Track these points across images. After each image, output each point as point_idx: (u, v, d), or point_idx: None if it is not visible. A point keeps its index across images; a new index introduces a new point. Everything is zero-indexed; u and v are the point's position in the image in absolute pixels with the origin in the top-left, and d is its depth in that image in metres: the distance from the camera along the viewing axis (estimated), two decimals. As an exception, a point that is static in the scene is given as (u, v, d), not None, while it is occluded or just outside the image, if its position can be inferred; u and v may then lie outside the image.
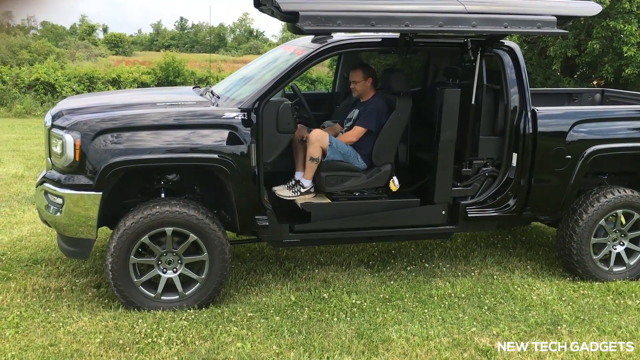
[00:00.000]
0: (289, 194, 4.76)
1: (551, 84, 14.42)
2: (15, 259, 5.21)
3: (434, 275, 5.15)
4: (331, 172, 4.72)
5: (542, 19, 4.32)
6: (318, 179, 4.74)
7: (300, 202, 4.71)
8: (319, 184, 4.76)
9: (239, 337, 3.97)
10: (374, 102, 4.89)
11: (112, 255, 4.14)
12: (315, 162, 4.68)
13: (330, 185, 4.74)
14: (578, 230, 4.95)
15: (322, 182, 4.72)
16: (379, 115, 4.80)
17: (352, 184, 4.77)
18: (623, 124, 5.08)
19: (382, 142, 4.80)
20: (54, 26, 49.59)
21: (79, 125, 4.13)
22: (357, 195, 4.84)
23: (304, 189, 4.76)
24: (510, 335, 4.12)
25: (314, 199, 4.79)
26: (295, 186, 4.78)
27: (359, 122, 4.87)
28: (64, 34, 46.72)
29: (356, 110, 5.02)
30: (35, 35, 37.18)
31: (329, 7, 4.00)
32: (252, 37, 73.55)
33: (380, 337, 4.03)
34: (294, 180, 4.84)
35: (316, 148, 4.65)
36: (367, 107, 4.88)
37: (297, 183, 4.79)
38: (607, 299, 4.75)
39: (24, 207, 6.76)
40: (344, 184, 4.75)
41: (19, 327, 4.02)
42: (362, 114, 4.90)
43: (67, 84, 16.44)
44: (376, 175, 4.81)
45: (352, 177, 4.77)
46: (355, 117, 4.96)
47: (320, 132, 4.72)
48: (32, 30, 42.06)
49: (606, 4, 11.80)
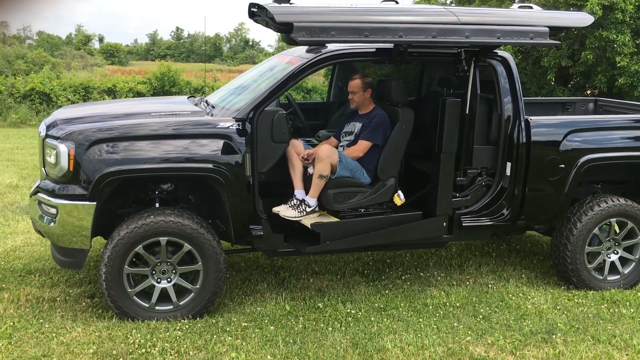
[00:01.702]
0: (295, 215, 4.54)
1: (545, 93, 14.50)
2: (9, 269, 5.19)
3: (429, 284, 5.15)
4: (339, 189, 4.56)
5: (535, 30, 4.35)
6: (324, 197, 4.55)
7: (308, 222, 4.52)
8: (324, 201, 4.58)
9: (233, 347, 3.96)
10: (379, 116, 4.74)
11: (106, 265, 4.12)
12: (324, 180, 4.48)
13: (338, 203, 4.57)
14: (572, 239, 4.97)
15: (330, 199, 4.54)
16: (384, 128, 4.69)
17: (358, 200, 4.63)
18: (616, 133, 5.11)
19: (388, 156, 4.70)
20: (50, 36, 49.62)
21: (73, 135, 4.12)
22: (363, 212, 4.70)
23: (309, 208, 4.56)
24: (505, 345, 4.11)
25: (320, 217, 4.63)
26: (300, 205, 4.56)
27: (365, 136, 4.71)
28: (60, 43, 46.70)
29: (357, 123, 4.86)
30: (31, 45, 37.19)
31: (323, 18, 4.02)
32: (248, 47, 73.71)
33: (375, 346, 4.02)
34: (297, 199, 4.61)
35: (326, 165, 4.46)
36: (373, 120, 4.72)
37: (302, 202, 4.57)
38: (602, 308, 4.75)
39: (18, 217, 6.74)
40: (350, 201, 4.60)
41: (12, 337, 3.99)
42: (367, 127, 4.73)
43: (62, 93, 16.44)
44: (382, 190, 4.69)
45: (358, 193, 4.63)
46: (358, 130, 4.80)
47: (330, 148, 4.55)
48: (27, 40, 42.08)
49: (599, 15, 11.90)
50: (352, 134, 4.87)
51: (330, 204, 4.58)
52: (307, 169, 4.70)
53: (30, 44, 39.29)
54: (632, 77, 12.84)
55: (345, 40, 4.09)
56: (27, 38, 43.00)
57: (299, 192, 4.66)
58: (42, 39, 45.96)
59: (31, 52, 28.56)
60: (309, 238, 4.59)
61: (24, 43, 39.03)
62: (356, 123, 4.88)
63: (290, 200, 4.62)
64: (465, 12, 4.41)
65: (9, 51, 27.16)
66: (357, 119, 4.90)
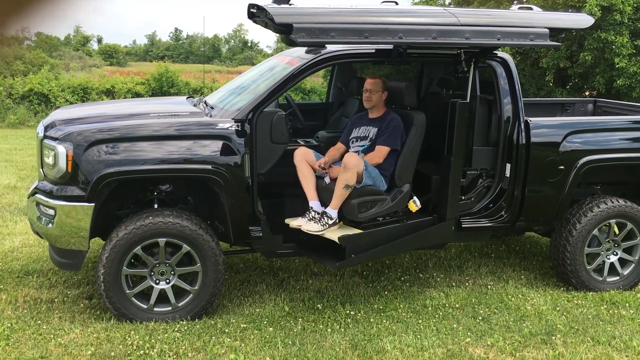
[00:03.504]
0: (319, 228, 4.30)
1: (544, 94, 14.52)
2: (7, 270, 5.17)
3: (428, 286, 5.14)
4: (361, 198, 4.36)
5: (535, 31, 4.34)
6: (347, 207, 4.35)
7: (334, 235, 4.29)
8: (346, 212, 4.39)
9: (232, 348, 3.95)
10: (394, 120, 4.57)
11: (104, 266, 4.11)
12: (349, 190, 4.27)
13: (361, 213, 4.37)
14: (572, 240, 4.96)
15: (354, 209, 4.34)
16: (401, 132, 4.55)
17: (379, 209, 4.44)
18: (616, 134, 5.11)
19: (404, 161, 4.56)
20: (48, 37, 49.52)
21: (71, 136, 4.11)
22: (381, 221, 4.52)
23: (331, 221, 4.34)
24: (504, 346, 4.10)
25: (341, 229, 4.42)
26: (322, 218, 4.34)
27: (383, 141, 4.53)
28: (58, 44, 46.61)
29: (371, 127, 4.67)
30: (29, 46, 37.13)
31: (322, 19, 4.01)
32: (247, 48, 73.73)
33: (374, 348, 4.01)
34: (315, 211, 4.40)
35: (353, 174, 4.25)
36: (390, 124, 4.56)
37: (324, 214, 4.35)
38: (601, 309, 4.75)
39: (16, 218, 6.72)
40: (372, 210, 4.41)
41: (9, 339, 3.98)
42: (384, 132, 4.56)
43: (61, 94, 16.41)
44: (399, 197, 4.52)
45: (378, 202, 4.44)
46: (374, 135, 4.62)
47: (357, 157, 4.35)
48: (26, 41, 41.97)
49: (598, 16, 11.91)
50: (367, 139, 4.68)
51: (353, 215, 4.37)
52: (323, 178, 4.52)
53: (28, 45, 39.23)
54: (631, 79, 12.87)
55: (345, 41, 4.08)
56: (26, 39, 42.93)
57: (315, 203, 4.46)
58: (40, 39, 45.86)
59: (29, 53, 28.48)
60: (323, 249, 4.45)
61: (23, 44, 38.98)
62: (370, 127, 4.69)
63: (307, 213, 4.42)
64: (465, 14, 4.40)
65: (7, 52, 27.12)
66: (370, 123, 4.71)
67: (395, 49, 4.63)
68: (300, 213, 5.11)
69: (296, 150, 4.56)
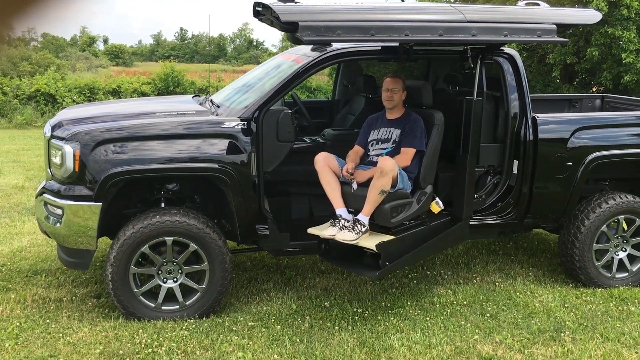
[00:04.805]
0: (353, 237, 4.14)
1: (551, 90, 14.45)
2: (15, 269, 5.19)
3: (436, 283, 5.12)
4: (393, 203, 4.22)
5: (542, 27, 4.30)
6: (379, 212, 4.20)
7: (369, 243, 4.14)
8: (378, 217, 4.24)
9: (240, 346, 3.95)
10: (417, 120, 4.46)
11: (112, 265, 4.12)
12: (384, 195, 4.14)
13: (393, 218, 4.22)
14: (580, 237, 4.94)
15: (387, 215, 4.19)
16: (424, 133, 4.45)
17: (407, 213, 4.31)
18: (624, 130, 5.08)
19: (428, 162, 4.47)
20: (55, 38, 49.75)
21: (78, 136, 4.12)
22: (408, 225, 4.40)
23: (364, 228, 4.19)
24: (513, 343, 4.09)
25: (372, 236, 4.26)
26: (356, 226, 4.18)
27: (409, 143, 4.42)
28: (65, 45, 46.83)
29: (393, 129, 4.54)
30: (35, 47, 37.27)
31: (328, 17, 3.99)
32: (252, 47, 73.79)
33: (382, 345, 4.00)
34: (344, 219, 4.26)
35: (389, 179, 4.12)
36: (415, 125, 4.45)
37: (357, 222, 4.19)
38: (610, 306, 4.72)
39: (24, 217, 6.75)
40: (402, 214, 4.28)
41: (18, 338, 4.00)
42: (408, 133, 4.44)
43: (67, 94, 16.48)
44: (424, 199, 4.40)
45: (406, 205, 4.30)
46: (398, 137, 4.50)
47: (392, 161, 4.18)
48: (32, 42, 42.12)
49: (604, 11, 11.84)
50: (389, 141, 4.55)
51: (385, 220, 4.23)
52: (350, 184, 4.36)
53: (35, 46, 39.38)
54: (638, 74, 12.78)
55: (351, 39, 4.06)
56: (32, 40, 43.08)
57: (343, 210, 4.31)
58: (46, 40, 46.06)
59: (36, 53, 28.62)
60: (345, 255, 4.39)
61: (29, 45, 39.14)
62: (391, 129, 4.56)
63: (336, 221, 4.27)
64: (472, 10, 4.37)
65: (14, 53, 27.22)
66: (390, 124, 4.59)
67: (401, 46, 4.61)
68: (306, 211, 5.12)
69: (317, 156, 4.41)
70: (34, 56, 27.64)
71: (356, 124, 5.70)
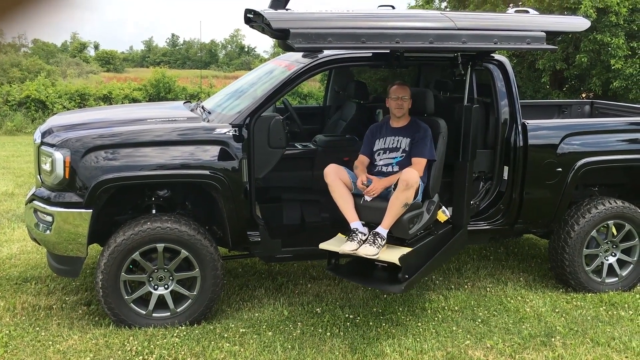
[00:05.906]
0: (375, 251, 4.04)
1: (541, 96, 14.53)
2: (5, 277, 5.16)
3: (427, 289, 5.13)
4: (410, 214, 4.16)
5: (532, 34, 4.33)
6: (397, 224, 4.13)
7: (391, 257, 4.05)
8: (397, 230, 4.16)
9: (231, 353, 3.94)
10: (426, 129, 4.41)
11: (102, 272, 4.10)
12: (406, 208, 4.08)
13: (411, 229, 4.17)
14: (570, 242, 4.97)
15: (405, 226, 4.13)
16: (433, 142, 4.41)
17: (420, 223, 4.25)
18: (613, 136, 5.11)
19: (436, 171, 4.42)
20: (45, 44, 49.55)
21: (68, 143, 4.11)
22: (419, 235, 4.34)
23: (383, 241, 4.12)
24: (504, 348, 4.10)
25: (390, 249, 4.17)
26: (376, 240, 4.10)
27: (420, 152, 4.36)
28: (55, 51, 46.66)
29: (401, 138, 4.46)
30: (26, 53, 37.10)
31: (319, 24, 3.99)
32: (244, 53, 73.77)
33: (374, 351, 4.00)
34: (362, 233, 4.16)
35: (413, 192, 4.08)
36: (425, 134, 4.38)
37: (377, 235, 4.11)
38: (600, 310, 4.75)
39: (14, 224, 6.71)
40: (416, 225, 4.22)
41: (7, 346, 3.96)
42: (419, 142, 4.37)
43: (58, 101, 16.41)
44: (433, 209, 4.36)
45: (418, 215, 4.24)
46: (408, 147, 4.44)
47: (416, 173, 4.13)
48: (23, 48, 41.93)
49: (593, 18, 11.94)
50: (398, 150, 4.47)
51: (404, 232, 4.16)
52: (362, 196, 4.28)
53: (25, 52, 39.20)
54: (627, 80, 12.88)
55: (342, 46, 4.07)
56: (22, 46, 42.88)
57: (358, 224, 4.21)
58: (37, 46, 45.88)
59: (26, 59, 28.48)
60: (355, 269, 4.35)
61: (19, 51, 38.95)
62: (399, 137, 4.48)
63: (353, 235, 4.16)
64: (462, 18, 4.40)
65: (4, 59, 27.09)
66: (397, 133, 4.51)
67: (392, 53, 4.64)
68: (298, 218, 5.11)
69: (327, 169, 4.32)
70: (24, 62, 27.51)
71: (347, 130, 5.71)
